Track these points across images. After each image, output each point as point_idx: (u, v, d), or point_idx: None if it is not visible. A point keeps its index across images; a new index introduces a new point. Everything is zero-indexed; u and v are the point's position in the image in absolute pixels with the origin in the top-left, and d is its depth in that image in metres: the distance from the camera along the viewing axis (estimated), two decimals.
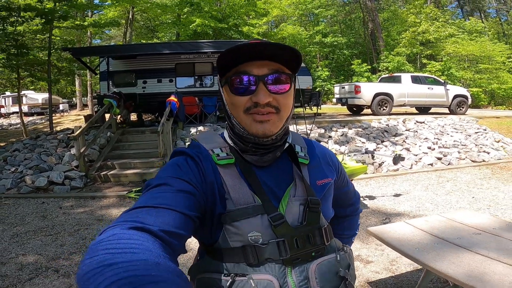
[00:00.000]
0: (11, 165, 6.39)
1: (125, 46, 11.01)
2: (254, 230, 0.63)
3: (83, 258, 0.43)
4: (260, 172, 0.69)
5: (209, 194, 0.64)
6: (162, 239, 0.50)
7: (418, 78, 10.77)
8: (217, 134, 0.76)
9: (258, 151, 0.69)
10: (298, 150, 0.74)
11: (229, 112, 0.69)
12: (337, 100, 11.66)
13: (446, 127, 8.41)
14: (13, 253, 3.18)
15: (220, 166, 0.67)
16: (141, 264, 0.40)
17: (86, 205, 4.80)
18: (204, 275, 0.65)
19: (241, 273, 0.61)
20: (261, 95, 0.63)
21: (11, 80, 13.31)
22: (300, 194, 0.68)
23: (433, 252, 1.51)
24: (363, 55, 23.87)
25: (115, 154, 6.85)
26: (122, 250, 0.42)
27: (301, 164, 0.73)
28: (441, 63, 18.66)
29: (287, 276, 0.62)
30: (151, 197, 0.57)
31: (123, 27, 18.39)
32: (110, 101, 7.48)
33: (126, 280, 0.37)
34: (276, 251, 0.62)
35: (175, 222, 0.54)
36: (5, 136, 13.91)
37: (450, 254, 1.49)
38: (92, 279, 0.38)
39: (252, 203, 0.64)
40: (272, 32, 20.67)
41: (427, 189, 4.96)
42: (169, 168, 0.65)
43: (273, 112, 0.65)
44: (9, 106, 21.87)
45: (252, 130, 0.66)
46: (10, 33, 9.12)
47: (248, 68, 0.64)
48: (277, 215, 0.64)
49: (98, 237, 0.46)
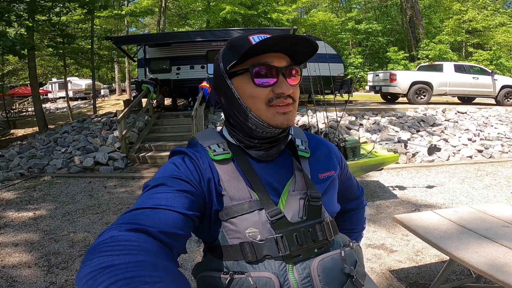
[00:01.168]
0: (61, 146, 7.04)
1: (160, 34, 11.43)
2: (251, 227, 0.62)
3: (82, 261, 0.43)
4: (259, 167, 0.69)
5: (206, 192, 0.64)
6: (161, 240, 0.50)
7: (462, 67, 10.22)
8: (216, 131, 0.75)
9: (263, 146, 0.69)
10: (298, 144, 0.74)
11: (244, 105, 0.66)
12: (370, 88, 11.35)
13: (490, 118, 7.88)
14: (65, 231, 3.42)
15: (217, 162, 0.67)
16: (139, 266, 0.41)
17: (127, 185, 5.21)
18: (205, 273, 0.66)
19: (240, 271, 0.61)
20: (284, 86, 0.64)
21: (58, 67, 14.34)
22: (299, 188, 0.68)
23: (457, 241, 1.54)
24: (400, 43, 22.86)
25: (152, 137, 7.29)
26: (120, 252, 0.43)
27: (301, 158, 0.72)
28: (490, 52, 17.64)
29: (288, 273, 0.61)
30: (149, 198, 0.57)
31: (156, 15, 18.90)
32: (148, 87, 7.88)
33: (124, 282, 0.38)
34: (275, 247, 0.61)
35: (173, 222, 0.54)
36: (53, 119, 15.14)
37: (474, 244, 1.51)
38: (91, 281, 0.39)
39: (249, 198, 0.64)
40: (302, 19, 20.16)
41: (463, 182, 4.78)
42: (167, 168, 0.65)
43: (291, 103, 0.66)
44: (56, 91, 23.58)
45: (276, 122, 0.65)
46: (56, 23, 9.78)
47: (268, 60, 0.64)
48: (275, 211, 0.63)
49: (97, 240, 0.47)
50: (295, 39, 0.62)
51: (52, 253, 2.95)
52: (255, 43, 0.61)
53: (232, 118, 0.70)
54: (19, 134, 13.07)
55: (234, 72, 0.66)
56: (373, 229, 3.26)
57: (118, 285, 0.37)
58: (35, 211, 4.10)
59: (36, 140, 7.98)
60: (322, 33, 21.51)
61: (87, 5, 9.60)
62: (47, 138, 7.85)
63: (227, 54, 0.67)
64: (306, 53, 0.66)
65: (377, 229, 3.24)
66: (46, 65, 16.00)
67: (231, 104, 0.68)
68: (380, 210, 3.75)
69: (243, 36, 0.66)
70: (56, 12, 9.92)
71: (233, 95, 0.67)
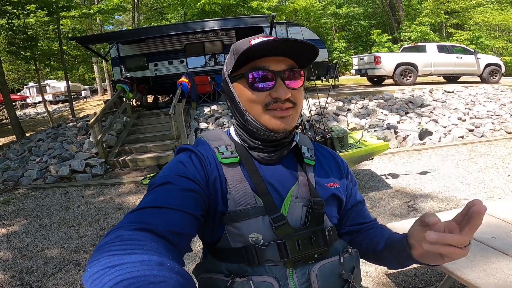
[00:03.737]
0: (36, 155, 6.62)
1: (131, 31, 10.98)
2: (255, 231, 0.62)
3: (89, 260, 0.43)
4: (265, 170, 0.69)
5: (212, 192, 0.64)
6: (166, 239, 0.50)
7: (445, 47, 10.32)
8: (224, 132, 0.75)
9: (265, 149, 0.69)
10: (304, 151, 0.74)
11: (243, 108, 0.67)
12: (356, 71, 11.38)
13: (478, 96, 7.76)
14: (39, 247, 3.26)
15: (224, 165, 0.67)
16: (145, 265, 0.40)
17: (106, 193, 4.90)
18: (206, 275, 0.65)
19: (241, 274, 0.61)
20: (281, 90, 0.63)
21: (30, 71, 13.70)
22: (303, 195, 0.67)
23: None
24: (382, 26, 22.94)
25: (131, 139, 6.92)
26: (126, 251, 0.42)
27: (306, 165, 0.72)
28: (469, 32, 17.97)
29: (288, 278, 0.62)
30: (155, 197, 0.57)
31: (130, 11, 18.21)
32: (123, 86, 7.47)
33: (129, 281, 0.37)
34: (277, 252, 0.62)
35: (179, 221, 0.54)
36: (33, 125, 14.53)
37: (482, 260, 1.27)
38: (97, 280, 0.39)
39: (254, 204, 0.64)
40: (283, 6, 19.74)
41: (458, 165, 4.61)
42: (173, 166, 0.65)
43: (291, 107, 0.66)
44: (34, 96, 22.70)
45: (273, 126, 0.65)
46: (17, 27, 9.25)
47: (265, 64, 0.64)
48: (279, 217, 0.63)
49: (104, 239, 0.47)
50: (291, 42, 0.62)
51: (25, 271, 2.83)
52: (246, 48, 0.61)
53: (236, 120, 0.72)
54: None
55: (234, 76, 0.67)
56: None
57: (124, 284, 0.37)
58: (8, 227, 3.92)
59: (11, 150, 7.52)
60: (305, 19, 21.21)
61: (46, 7, 9.07)
62: (21, 148, 7.38)
63: (229, 58, 0.69)
64: (307, 55, 0.66)
65: None
66: (16, 69, 15.22)
67: (234, 107, 0.70)
68: (374, 204, 3.54)
69: (245, 40, 0.66)
70: (16, 15, 9.34)
71: (234, 98, 0.68)
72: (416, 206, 3.37)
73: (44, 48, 10.21)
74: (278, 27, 9.79)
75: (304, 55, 0.65)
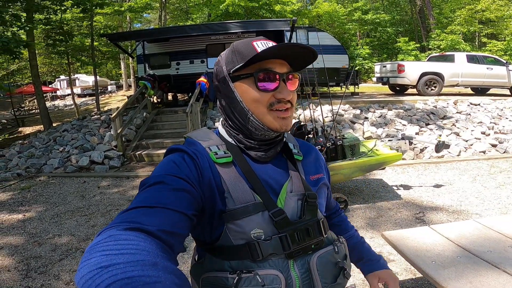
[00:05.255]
0: (60, 145, 6.96)
1: (156, 30, 11.31)
2: (256, 227, 0.64)
3: (81, 260, 0.43)
4: (258, 168, 0.71)
5: (206, 191, 0.64)
6: (160, 239, 0.49)
7: (475, 58, 9.85)
8: (211, 131, 0.76)
9: (261, 147, 0.71)
10: (291, 147, 0.77)
11: (246, 108, 0.69)
12: (378, 79, 11.09)
13: (505, 110, 7.38)
14: (51, 234, 3.36)
15: (218, 165, 0.67)
16: (138, 265, 0.40)
17: (120, 185, 5.08)
18: (209, 274, 0.66)
19: (247, 270, 0.62)
20: (285, 91, 0.67)
21: (62, 65, 14.43)
22: (297, 190, 0.70)
23: (451, 268, 1.27)
24: (410, 33, 22.40)
25: (149, 134, 7.13)
26: (119, 251, 0.42)
27: (296, 160, 0.75)
28: (504, 43, 17.22)
29: (290, 270, 0.64)
30: (147, 197, 0.56)
31: (158, 10, 18.79)
32: (145, 83, 7.74)
33: (123, 282, 0.37)
34: (280, 246, 0.64)
35: (172, 221, 0.54)
36: (61, 116, 15.29)
37: (471, 272, 1.23)
38: (90, 281, 0.39)
39: (252, 201, 0.65)
40: (306, 10, 19.62)
41: (475, 180, 4.42)
42: (165, 166, 0.64)
43: (290, 108, 0.69)
44: (64, 88, 23.86)
45: (276, 126, 0.68)
46: (54, 22, 9.78)
47: (271, 66, 0.67)
48: (278, 211, 0.65)
49: (96, 239, 0.46)
50: (297, 48, 0.66)
51: (33, 257, 2.90)
52: (261, 51, 0.65)
53: (232, 120, 0.72)
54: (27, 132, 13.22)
55: (238, 76, 0.68)
56: (371, 235, 3.00)
57: (117, 285, 0.37)
58: (25, 213, 4.05)
59: (37, 139, 7.95)
60: (328, 24, 21.00)
61: (82, 4, 9.53)
62: (47, 137, 7.80)
63: (229, 57, 0.70)
64: (306, 59, 0.70)
65: (375, 235, 2.98)
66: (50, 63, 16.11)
67: (232, 107, 0.70)
68: (381, 213, 3.47)
69: (246, 41, 0.69)
70: (54, 10, 9.90)
71: (235, 98, 0.69)
72: (424, 218, 3.28)
73: (77, 43, 10.77)
74: (299, 32, 9.78)
75: (302, 59, 0.69)
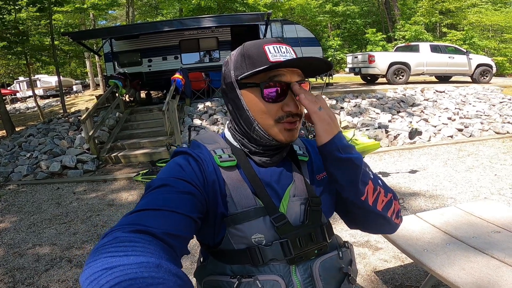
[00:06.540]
0: (26, 151, 6.52)
1: (125, 27, 10.82)
2: (257, 232, 0.63)
3: (86, 261, 0.43)
4: (262, 172, 0.70)
5: (210, 194, 0.64)
6: (164, 241, 0.50)
7: (438, 47, 10.41)
8: (218, 135, 0.75)
9: (267, 153, 0.70)
10: (296, 149, 0.76)
11: (252, 117, 0.67)
12: (350, 70, 11.47)
13: (468, 96, 7.89)
14: (30, 243, 3.23)
15: (222, 168, 0.67)
16: (142, 267, 0.40)
17: (98, 189, 4.87)
18: (210, 277, 0.66)
19: (247, 275, 0.62)
20: (292, 104, 0.65)
21: (20, 66, 13.48)
22: (300, 194, 0.69)
23: (443, 256, 1.34)
24: (377, 25, 23.21)
25: (124, 135, 6.87)
26: (124, 253, 0.43)
27: (301, 162, 0.74)
28: (463, 33, 18.22)
29: (292, 275, 0.64)
30: (152, 199, 0.57)
31: (124, 6, 17.96)
32: (116, 82, 7.42)
33: (127, 283, 0.38)
34: (281, 251, 0.63)
35: (177, 224, 0.54)
36: (23, 120, 14.28)
37: (462, 258, 1.30)
38: (94, 282, 0.39)
39: (254, 205, 0.65)
40: (279, 3, 19.65)
41: (446, 164, 4.70)
42: (170, 169, 0.65)
43: (298, 120, 0.67)
44: (24, 90, 22.30)
45: (281, 138, 0.66)
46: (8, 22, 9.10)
47: (281, 73, 0.64)
48: (280, 216, 0.64)
49: (101, 241, 0.47)
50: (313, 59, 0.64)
51: (17, 268, 2.81)
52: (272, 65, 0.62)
53: (238, 125, 0.71)
54: None
55: (245, 83, 0.66)
56: None
57: (121, 286, 0.37)
58: None
59: (1, 145, 7.40)
60: (301, 16, 21.17)
61: (38, 3, 8.91)
62: (11, 143, 7.27)
63: (240, 63, 0.67)
64: (319, 68, 0.69)
65: None
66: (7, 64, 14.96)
67: (238, 114, 0.69)
68: None
69: (258, 45, 0.66)
70: (7, 10, 9.17)
71: (241, 105, 0.67)
72: (404, 204, 3.44)
73: (35, 43, 10.04)
74: (274, 25, 9.77)
75: (316, 67, 0.68)
